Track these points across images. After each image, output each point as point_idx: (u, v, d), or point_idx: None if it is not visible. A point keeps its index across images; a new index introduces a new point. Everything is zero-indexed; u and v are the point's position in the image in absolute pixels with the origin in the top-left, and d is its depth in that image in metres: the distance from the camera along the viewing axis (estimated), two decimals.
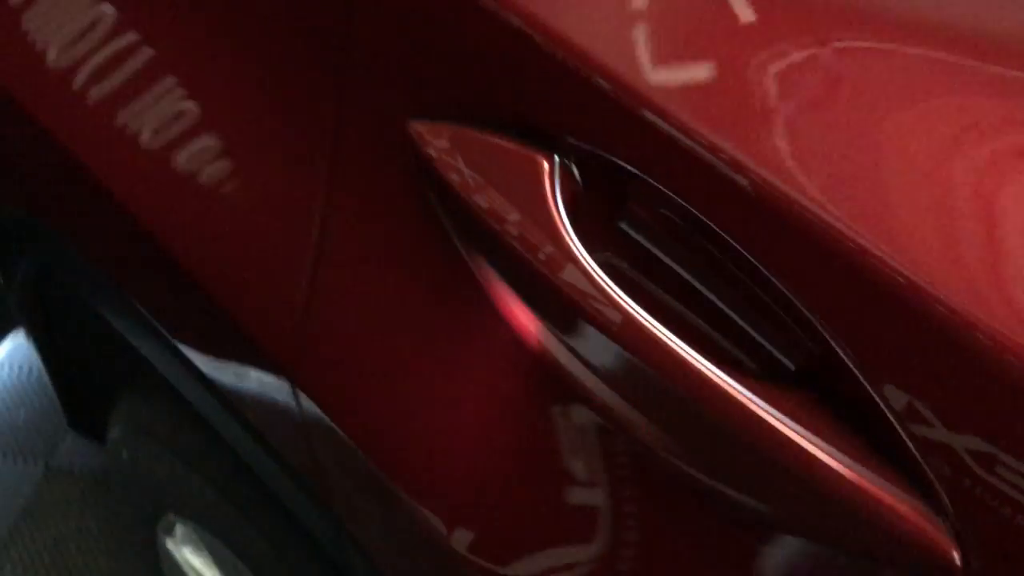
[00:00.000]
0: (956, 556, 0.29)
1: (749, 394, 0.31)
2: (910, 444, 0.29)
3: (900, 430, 0.29)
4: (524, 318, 0.40)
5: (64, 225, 0.62)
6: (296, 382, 0.48)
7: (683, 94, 0.33)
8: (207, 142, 0.49)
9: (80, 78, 0.54)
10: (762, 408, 0.31)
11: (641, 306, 0.33)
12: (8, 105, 0.59)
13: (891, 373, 0.30)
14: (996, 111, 0.32)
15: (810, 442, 0.30)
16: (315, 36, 0.43)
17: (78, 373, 1.02)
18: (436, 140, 0.39)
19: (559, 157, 0.36)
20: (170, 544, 0.98)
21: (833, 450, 0.30)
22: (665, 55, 0.35)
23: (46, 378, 1.72)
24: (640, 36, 0.35)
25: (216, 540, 0.82)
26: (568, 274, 0.35)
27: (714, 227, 0.32)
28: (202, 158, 0.49)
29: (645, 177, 0.33)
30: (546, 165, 0.36)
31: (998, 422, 0.28)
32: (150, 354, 0.65)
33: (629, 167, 0.34)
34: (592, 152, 0.35)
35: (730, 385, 0.32)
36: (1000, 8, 0.34)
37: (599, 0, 0.35)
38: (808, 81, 0.33)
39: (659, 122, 0.32)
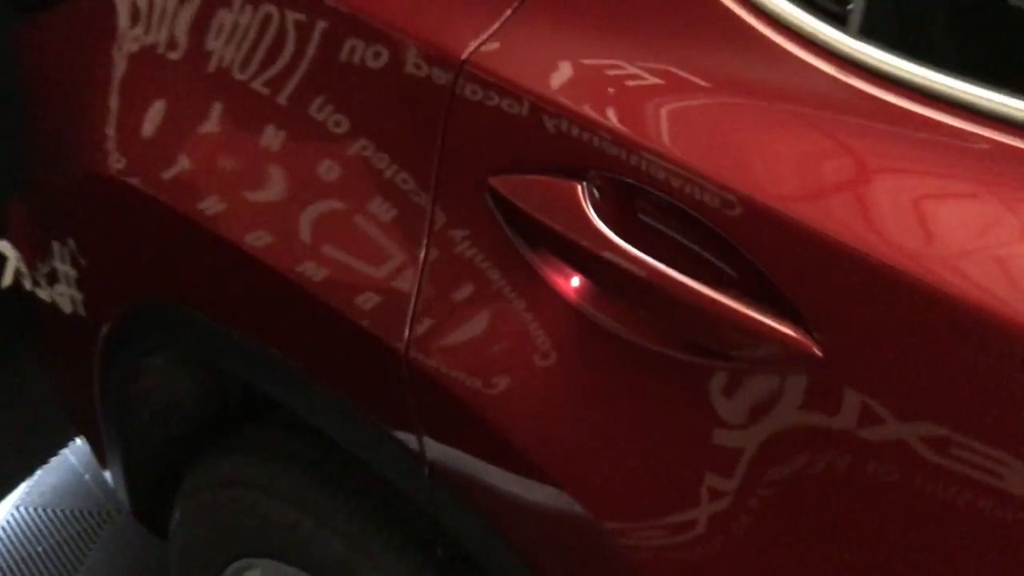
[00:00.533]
0: (817, 350, 0.57)
1: (710, 290, 0.60)
2: (791, 298, 0.57)
3: (784, 292, 0.58)
4: (568, 288, 0.68)
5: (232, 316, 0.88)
6: (407, 359, 0.74)
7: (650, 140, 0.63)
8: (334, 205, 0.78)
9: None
10: (715, 295, 0.59)
11: (650, 255, 0.62)
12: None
13: (780, 273, 0.58)
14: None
15: (742, 306, 0.59)
16: (427, 134, 0.72)
17: (155, 462, 1.22)
18: (510, 185, 0.68)
19: (586, 183, 0.65)
20: None
21: (751, 309, 0.59)
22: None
23: (60, 516, 1.88)
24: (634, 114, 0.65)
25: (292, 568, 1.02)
26: (605, 250, 0.63)
27: (683, 207, 0.61)
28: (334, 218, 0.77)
29: (640, 185, 0.63)
30: (579, 189, 0.65)
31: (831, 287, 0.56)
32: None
33: (630, 181, 0.63)
34: (608, 176, 0.64)
35: (703, 289, 0.60)
36: None
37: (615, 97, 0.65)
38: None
39: (645, 156, 0.62)
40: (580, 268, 0.67)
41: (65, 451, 2.01)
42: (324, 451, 0.98)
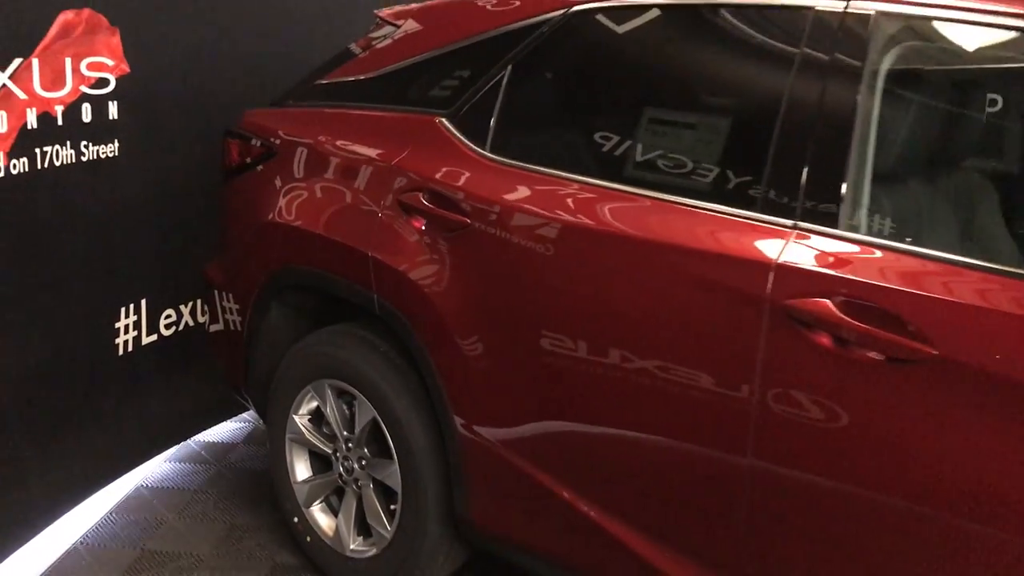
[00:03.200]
0: (467, 217, 2.15)
1: (454, 214, 2.20)
2: (467, 210, 2.17)
3: (466, 208, 2.17)
4: (420, 226, 2.27)
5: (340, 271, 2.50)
6: (371, 256, 2.33)
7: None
8: (352, 211, 2.40)
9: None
10: (455, 215, 2.20)
11: (441, 209, 2.23)
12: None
13: (474, 208, 2.18)
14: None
15: (461, 216, 2.19)
16: (383, 187, 2.37)
17: (267, 369, 2.75)
18: (403, 197, 2.30)
19: (421, 194, 2.27)
20: (294, 414, 2.65)
21: (460, 215, 2.19)
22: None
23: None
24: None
25: (348, 388, 2.53)
26: (429, 210, 2.25)
27: (446, 195, 2.22)
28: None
29: (440, 191, 2.24)
30: (420, 195, 2.27)
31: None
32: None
33: (437, 191, 2.25)
34: (428, 191, 2.26)
35: (453, 215, 2.21)
36: None
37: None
38: None
39: (436, 185, 2.24)
40: (423, 216, 2.26)
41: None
42: (343, 326, 2.54)
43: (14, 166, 2.49)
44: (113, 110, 2.79)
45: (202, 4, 3.04)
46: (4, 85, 2.42)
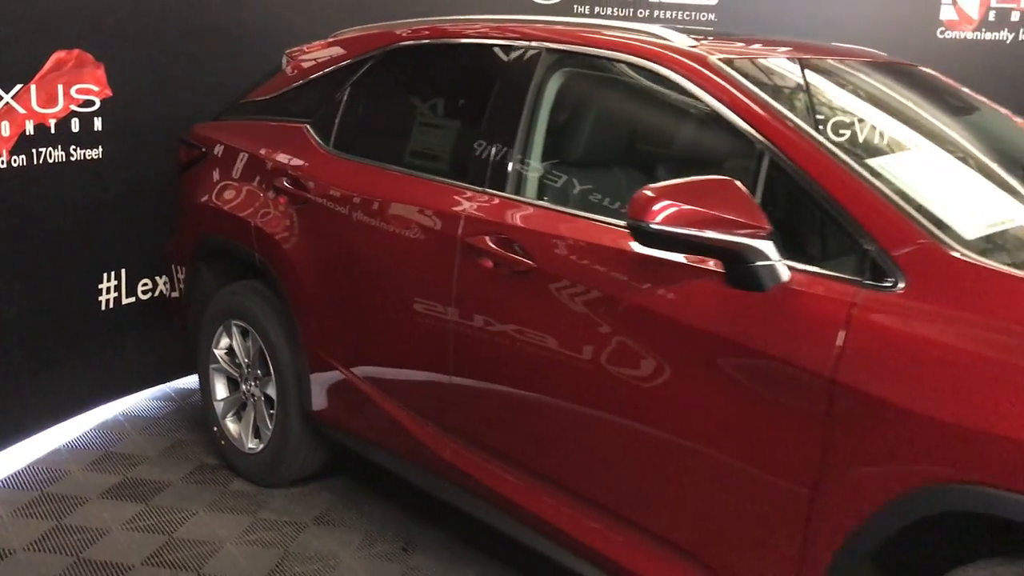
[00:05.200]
0: (310, 196, 3.03)
1: (310, 194, 3.08)
2: (305, 185, 3.05)
3: (305, 184, 3.05)
4: (286, 203, 3.15)
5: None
6: (254, 225, 3.23)
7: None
8: (253, 200, 3.31)
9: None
10: (308, 194, 3.08)
11: (298, 190, 3.12)
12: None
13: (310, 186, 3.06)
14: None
15: (306, 194, 3.07)
16: (269, 180, 3.28)
17: (198, 314, 3.67)
18: (278, 180, 3.19)
19: (285, 179, 3.15)
20: (214, 348, 3.55)
21: (313, 195, 3.07)
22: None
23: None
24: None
25: (246, 326, 3.43)
26: (290, 191, 3.14)
27: (294, 177, 3.11)
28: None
29: (293, 176, 3.13)
30: (283, 180, 3.16)
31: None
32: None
33: (292, 177, 3.14)
34: (287, 177, 3.15)
35: (308, 195, 3.09)
36: None
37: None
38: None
39: (293, 172, 3.13)
40: (285, 194, 3.15)
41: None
42: (244, 281, 3.44)
43: (15, 160, 3.47)
44: (98, 124, 3.76)
45: (170, 46, 4.01)
46: (7, 103, 3.41)
